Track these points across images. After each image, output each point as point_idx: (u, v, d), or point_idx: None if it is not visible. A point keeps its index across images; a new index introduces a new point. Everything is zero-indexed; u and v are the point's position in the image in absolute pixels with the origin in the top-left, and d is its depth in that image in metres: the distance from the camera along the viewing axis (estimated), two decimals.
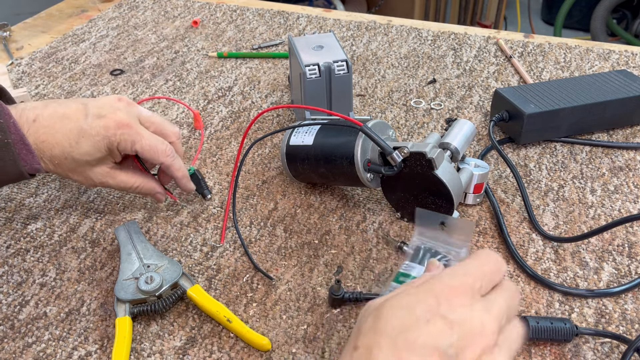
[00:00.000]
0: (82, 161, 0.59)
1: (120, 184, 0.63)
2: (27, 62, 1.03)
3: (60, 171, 0.60)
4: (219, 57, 1.03)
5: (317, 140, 0.67)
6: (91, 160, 0.60)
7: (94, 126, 0.58)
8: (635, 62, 0.97)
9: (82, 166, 0.60)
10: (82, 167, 0.60)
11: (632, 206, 0.69)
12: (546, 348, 0.54)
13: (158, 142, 0.61)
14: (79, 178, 0.62)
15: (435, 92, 0.91)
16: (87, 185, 0.63)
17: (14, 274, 0.62)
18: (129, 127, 0.59)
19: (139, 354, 0.54)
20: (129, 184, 0.63)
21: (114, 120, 0.59)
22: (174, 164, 0.63)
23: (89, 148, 0.59)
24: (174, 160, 0.63)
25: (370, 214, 0.69)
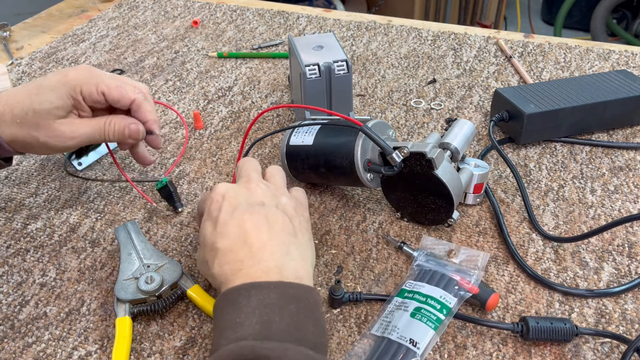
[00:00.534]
0: (43, 112, 0.56)
1: (90, 127, 0.59)
2: (27, 62, 1.03)
3: (25, 135, 0.56)
4: (219, 57, 1.03)
5: (317, 140, 0.67)
6: (53, 110, 0.56)
7: (53, 77, 0.57)
8: (635, 62, 0.97)
9: (44, 119, 0.56)
10: (44, 121, 0.56)
11: (632, 206, 0.69)
12: (546, 348, 0.54)
13: (125, 81, 0.59)
14: (46, 137, 0.57)
15: (435, 92, 0.91)
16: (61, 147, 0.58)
17: (14, 274, 0.62)
18: (90, 71, 0.57)
19: (139, 354, 0.54)
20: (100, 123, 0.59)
21: (76, 68, 0.58)
22: (145, 103, 0.59)
23: (49, 96, 0.56)
24: (145, 100, 0.59)
25: (370, 214, 0.69)
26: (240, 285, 0.44)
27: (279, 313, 0.43)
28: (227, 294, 0.45)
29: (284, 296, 0.44)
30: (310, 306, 0.45)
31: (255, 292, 0.44)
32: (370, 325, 0.55)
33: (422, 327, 0.52)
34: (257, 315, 0.42)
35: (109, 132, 0.59)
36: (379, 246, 0.65)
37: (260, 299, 0.43)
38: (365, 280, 0.61)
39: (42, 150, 0.58)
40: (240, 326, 0.42)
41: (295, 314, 0.43)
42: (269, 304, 0.43)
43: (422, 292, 0.56)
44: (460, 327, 0.56)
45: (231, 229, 0.48)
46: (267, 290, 0.44)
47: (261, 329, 0.42)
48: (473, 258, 0.59)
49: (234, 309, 0.43)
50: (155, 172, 0.76)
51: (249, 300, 0.43)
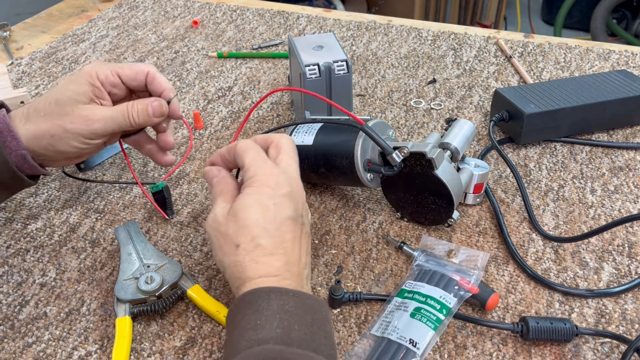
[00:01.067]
0: (66, 99, 0.57)
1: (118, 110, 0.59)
2: (27, 62, 1.03)
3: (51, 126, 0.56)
4: (219, 57, 1.03)
5: (317, 140, 0.67)
6: (75, 96, 0.57)
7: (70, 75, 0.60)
8: (635, 62, 0.97)
9: (68, 105, 0.57)
10: (69, 107, 0.57)
11: (632, 206, 0.69)
12: (546, 348, 0.54)
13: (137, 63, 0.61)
14: (73, 122, 0.57)
15: (435, 92, 0.91)
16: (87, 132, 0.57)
17: (14, 274, 0.62)
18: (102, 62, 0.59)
19: (139, 354, 0.54)
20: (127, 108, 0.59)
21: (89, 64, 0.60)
22: (158, 75, 0.61)
23: (69, 86, 0.57)
24: (158, 73, 0.61)
25: (370, 214, 0.69)
26: (260, 289, 0.45)
27: (297, 321, 0.44)
28: (247, 295, 0.45)
29: (302, 306, 0.45)
30: (323, 319, 0.46)
31: (275, 296, 0.44)
32: (370, 325, 0.55)
33: (422, 327, 0.52)
34: (278, 320, 0.43)
35: (133, 113, 0.59)
36: (379, 246, 0.65)
37: (280, 305, 0.44)
38: (365, 280, 0.61)
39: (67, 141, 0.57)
40: (262, 328, 0.43)
41: (311, 324, 0.44)
42: (288, 311, 0.44)
43: (422, 292, 0.56)
44: (460, 327, 0.56)
45: (278, 233, 0.48)
46: (286, 297, 0.45)
47: (282, 334, 0.42)
48: (473, 258, 0.59)
49: (254, 311, 0.44)
50: (155, 172, 0.76)
51: (269, 303, 0.44)
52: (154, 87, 0.61)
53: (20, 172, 0.57)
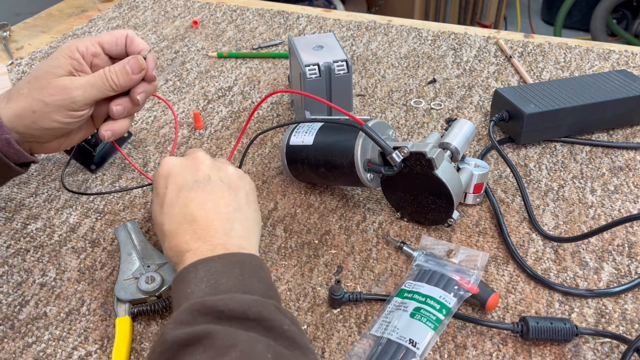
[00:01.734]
0: (43, 73, 0.56)
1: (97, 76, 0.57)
2: (27, 62, 1.03)
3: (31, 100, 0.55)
4: (219, 57, 1.03)
5: (317, 140, 0.67)
6: (52, 69, 0.56)
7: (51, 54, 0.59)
8: (635, 62, 0.97)
9: (47, 78, 0.56)
10: (47, 80, 0.56)
11: (632, 206, 0.69)
12: (546, 348, 0.54)
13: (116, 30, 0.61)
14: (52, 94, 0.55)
15: (435, 92, 0.91)
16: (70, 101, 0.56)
17: (14, 274, 0.62)
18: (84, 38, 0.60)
19: (139, 354, 0.54)
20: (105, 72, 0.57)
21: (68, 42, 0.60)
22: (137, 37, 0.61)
23: (47, 61, 0.57)
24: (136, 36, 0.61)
25: (370, 214, 0.69)
26: (187, 265, 0.47)
27: (225, 276, 0.45)
28: (177, 275, 0.47)
29: (228, 263, 0.47)
30: (255, 267, 0.47)
31: (202, 266, 0.46)
32: (370, 325, 0.55)
33: (421, 327, 0.52)
34: (205, 282, 0.45)
35: (111, 75, 0.58)
36: (379, 246, 0.65)
37: (207, 270, 0.46)
38: (365, 280, 0.61)
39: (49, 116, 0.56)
40: (192, 294, 0.45)
41: (240, 274, 0.46)
42: (215, 272, 0.46)
43: (422, 292, 0.56)
44: (460, 327, 0.56)
45: (177, 210, 0.51)
46: (211, 262, 0.47)
47: (209, 290, 0.44)
48: (472, 258, 0.59)
49: (185, 284, 0.46)
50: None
51: (196, 274, 0.46)
52: (133, 49, 0.60)
53: (6, 158, 0.56)
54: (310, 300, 0.59)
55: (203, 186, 0.52)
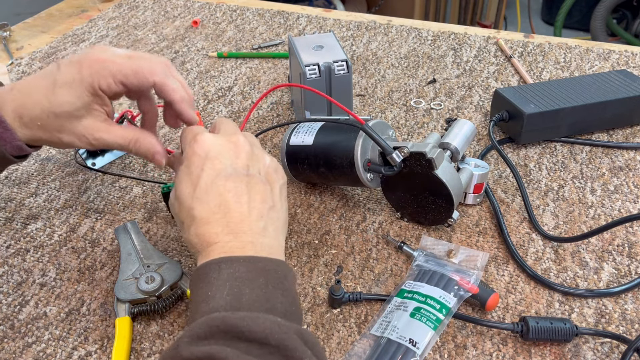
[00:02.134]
0: (64, 114, 0.53)
1: (118, 138, 0.55)
2: (27, 62, 1.03)
3: (49, 136, 0.54)
4: (219, 57, 1.03)
5: (317, 140, 0.67)
6: (74, 112, 0.53)
7: (67, 73, 0.53)
8: (635, 62, 0.97)
9: (68, 121, 0.53)
10: (68, 123, 0.53)
11: (632, 206, 0.69)
12: (546, 348, 0.54)
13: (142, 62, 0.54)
14: (71, 138, 0.54)
15: (435, 92, 0.91)
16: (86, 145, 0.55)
17: (14, 274, 0.62)
18: (104, 61, 0.53)
19: (139, 354, 0.54)
20: (128, 137, 0.55)
21: (87, 60, 0.53)
22: (167, 82, 0.54)
23: (67, 97, 0.52)
24: (167, 79, 0.54)
25: (370, 214, 0.69)
26: (211, 260, 0.45)
27: (248, 285, 0.44)
28: (199, 269, 0.46)
29: (253, 269, 0.45)
30: (279, 278, 0.45)
31: (225, 265, 0.45)
32: (370, 325, 0.55)
33: (421, 327, 0.52)
34: (228, 288, 0.43)
35: (134, 150, 0.56)
36: (379, 246, 0.65)
37: (230, 273, 0.44)
38: (365, 280, 0.61)
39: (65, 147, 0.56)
40: (212, 299, 0.43)
41: (264, 285, 0.44)
42: (239, 277, 0.44)
43: (422, 292, 0.56)
44: (460, 327, 0.56)
45: (211, 197, 0.48)
46: (237, 264, 0.45)
47: (232, 301, 0.43)
48: (472, 258, 0.59)
49: (206, 283, 0.44)
50: (155, 172, 0.76)
51: (219, 273, 0.44)
52: (164, 96, 0.55)
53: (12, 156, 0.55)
54: (310, 300, 0.59)
55: (242, 177, 0.49)
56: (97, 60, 0.53)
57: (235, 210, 0.47)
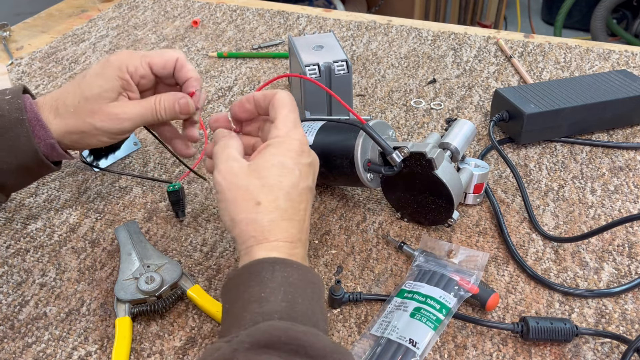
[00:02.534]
0: (95, 97, 0.57)
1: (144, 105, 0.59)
2: (27, 62, 1.03)
3: (82, 124, 0.57)
4: (219, 57, 1.03)
5: (317, 140, 0.67)
6: (103, 93, 0.57)
7: (96, 66, 0.58)
8: (635, 62, 0.97)
9: (98, 103, 0.57)
10: (98, 105, 0.57)
11: (632, 206, 0.69)
12: (546, 348, 0.54)
13: (166, 50, 0.60)
14: (102, 120, 0.57)
15: (435, 92, 0.91)
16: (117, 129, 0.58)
17: (14, 274, 0.62)
18: (130, 52, 0.59)
19: (139, 354, 0.54)
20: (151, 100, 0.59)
21: (115, 53, 0.59)
22: (187, 63, 0.60)
23: (97, 81, 0.57)
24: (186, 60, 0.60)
25: (370, 214, 0.69)
26: (264, 259, 0.44)
27: (300, 294, 0.43)
28: (250, 266, 0.44)
29: (304, 279, 0.45)
30: (320, 294, 0.46)
31: (279, 268, 0.44)
32: (370, 325, 0.55)
33: (421, 327, 0.52)
34: (282, 293, 0.43)
35: (160, 110, 0.59)
36: (379, 246, 0.65)
37: (285, 277, 0.43)
38: (365, 280, 0.61)
39: (97, 137, 0.58)
40: (266, 301, 0.42)
41: (311, 298, 0.44)
42: (292, 284, 0.43)
43: (422, 292, 0.56)
44: (461, 327, 0.56)
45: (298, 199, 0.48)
46: (290, 269, 0.44)
47: (287, 308, 0.42)
48: (472, 258, 0.59)
49: (258, 282, 0.43)
50: (155, 172, 0.76)
51: (272, 275, 0.43)
52: (181, 75, 0.60)
53: (47, 159, 0.58)
54: None
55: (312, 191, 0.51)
56: (125, 52, 0.59)
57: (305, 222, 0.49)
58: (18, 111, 0.56)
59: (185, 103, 0.60)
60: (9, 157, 0.56)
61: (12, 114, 0.56)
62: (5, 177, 0.58)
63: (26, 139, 0.56)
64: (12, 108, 0.56)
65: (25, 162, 0.57)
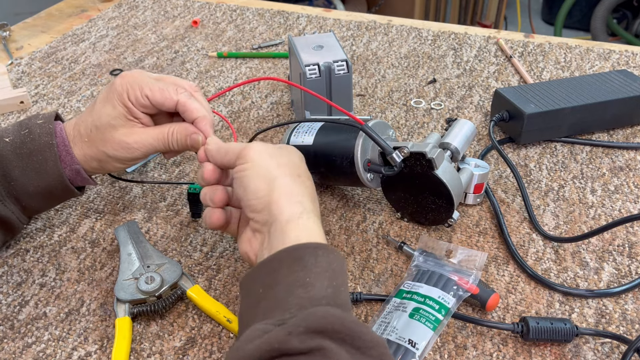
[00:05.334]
0: (104, 125, 0.58)
1: (155, 134, 0.59)
2: (27, 62, 1.03)
3: (96, 152, 0.59)
4: (218, 57, 1.03)
5: (317, 140, 0.67)
6: (112, 121, 0.58)
7: (104, 91, 0.59)
8: (635, 62, 0.97)
9: (108, 131, 0.58)
10: (109, 133, 0.58)
11: (632, 206, 0.69)
12: (546, 348, 0.54)
13: (169, 82, 0.59)
14: (114, 148, 0.58)
15: (435, 92, 0.91)
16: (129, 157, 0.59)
17: (13, 274, 0.62)
18: (133, 77, 0.58)
19: (139, 354, 0.54)
20: (164, 130, 0.59)
21: (120, 77, 0.59)
22: (189, 102, 0.58)
23: (104, 109, 0.58)
24: (190, 99, 0.58)
25: (370, 214, 0.69)
26: (307, 244, 0.44)
27: (342, 282, 0.44)
28: (292, 251, 0.44)
29: (342, 265, 0.45)
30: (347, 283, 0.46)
31: (322, 253, 0.44)
32: (370, 325, 0.55)
33: (420, 328, 0.52)
34: (327, 279, 0.43)
35: (172, 141, 0.59)
36: (379, 246, 0.65)
37: (329, 262, 0.44)
38: (365, 280, 0.61)
39: (113, 164, 0.60)
40: (312, 286, 0.42)
41: (346, 285, 0.45)
42: (335, 270, 0.44)
43: (421, 293, 0.56)
44: (461, 328, 0.56)
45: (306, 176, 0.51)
46: (332, 255, 0.45)
47: (333, 295, 0.42)
48: (471, 258, 0.59)
49: (302, 267, 0.43)
50: (155, 172, 0.76)
51: (316, 260, 0.43)
52: (187, 116, 0.59)
53: (71, 184, 0.60)
54: None
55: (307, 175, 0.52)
56: (129, 76, 0.58)
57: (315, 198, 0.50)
58: (48, 135, 0.58)
59: (197, 140, 0.59)
60: (37, 179, 0.59)
61: (43, 138, 0.58)
62: (30, 199, 0.60)
63: (53, 163, 0.58)
64: (43, 132, 0.58)
65: (51, 185, 0.59)
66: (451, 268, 0.58)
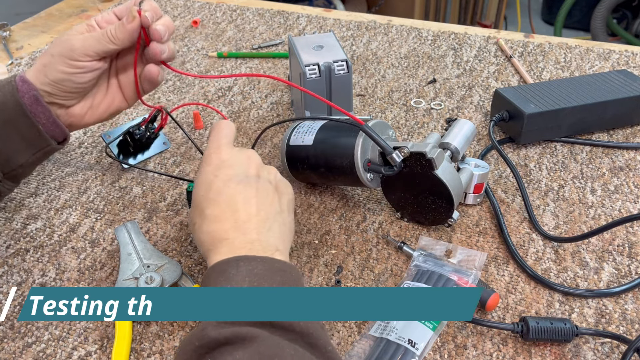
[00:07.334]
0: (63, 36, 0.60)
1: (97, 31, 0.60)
2: (27, 62, 1.03)
3: (43, 56, 0.59)
4: (219, 57, 1.03)
5: (317, 140, 0.67)
6: (72, 31, 0.60)
7: None
8: (635, 62, 0.97)
9: (61, 38, 0.59)
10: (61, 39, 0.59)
11: (632, 206, 0.69)
12: (546, 348, 0.54)
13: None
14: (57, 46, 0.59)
15: (435, 92, 0.91)
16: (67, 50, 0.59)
17: (13, 274, 0.62)
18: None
19: (139, 354, 0.54)
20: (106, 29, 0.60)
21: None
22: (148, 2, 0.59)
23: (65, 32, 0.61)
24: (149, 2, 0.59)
25: (370, 214, 0.69)
26: (230, 258, 0.47)
27: (267, 281, 0.45)
28: (216, 266, 0.47)
29: (271, 269, 0.46)
30: (295, 280, 0.47)
31: (244, 263, 0.46)
32: (369, 325, 0.55)
33: (420, 328, 0.52)
34: (248, 282, 0.45)
35: (109, 28, 0.59)
36: (379, 246, 0.65)
37: (249, 269, 0.46)
38: (365, 280, 0.61)
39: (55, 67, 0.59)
40: None
41: (281, 283, 0.46)
42: (257, 274, 0.45)
43: None
44: (460, 327, 0.56)
45: (223, 198, 0.51)
46: (254, 262, 0.46)
47: None
48: (471, 258, 0.59)
49: (225, 278, 0.45)
50: (152, 166, 0.76)
51: (237, 269, 0.46)
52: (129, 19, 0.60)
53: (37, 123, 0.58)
54: None
55: (252, 182, 0.53)
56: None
57: (244, 210, 0.51)
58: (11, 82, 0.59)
59: (128, 12, 0.59)
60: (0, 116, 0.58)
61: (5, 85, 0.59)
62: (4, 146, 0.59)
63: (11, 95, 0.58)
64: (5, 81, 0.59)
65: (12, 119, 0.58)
66: (451, 268, 0.58)
